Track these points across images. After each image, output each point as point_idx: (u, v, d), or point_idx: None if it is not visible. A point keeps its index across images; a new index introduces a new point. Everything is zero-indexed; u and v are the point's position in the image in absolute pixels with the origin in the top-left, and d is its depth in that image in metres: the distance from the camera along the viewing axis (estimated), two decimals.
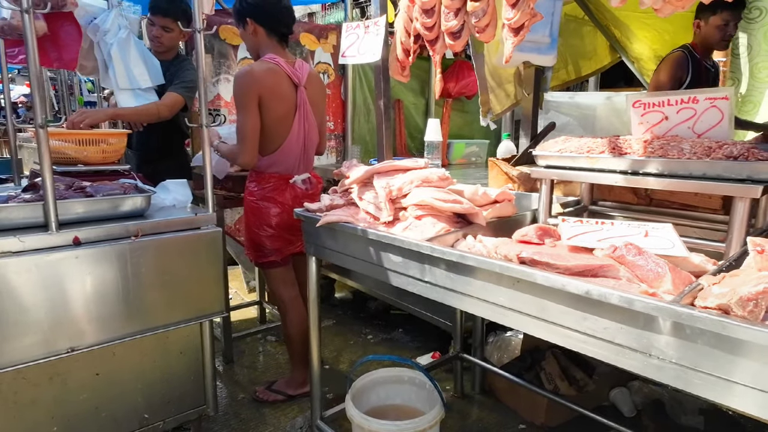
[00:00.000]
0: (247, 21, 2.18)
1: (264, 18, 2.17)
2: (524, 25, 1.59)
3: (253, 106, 2.11)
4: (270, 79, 2.12)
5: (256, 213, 2.32)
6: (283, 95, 2.18)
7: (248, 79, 2.09)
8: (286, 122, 2.23)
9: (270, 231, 2.33)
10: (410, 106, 4.34)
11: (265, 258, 2.40)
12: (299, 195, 2.32)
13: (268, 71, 2.13)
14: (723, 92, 1.40)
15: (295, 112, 2.24)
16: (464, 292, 1.32)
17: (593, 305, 1.04)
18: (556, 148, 1.67)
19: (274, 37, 2.22)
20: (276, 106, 2.17)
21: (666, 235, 1.19)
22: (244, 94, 2.10)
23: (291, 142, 2.27)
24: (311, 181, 2.40)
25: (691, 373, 0.92)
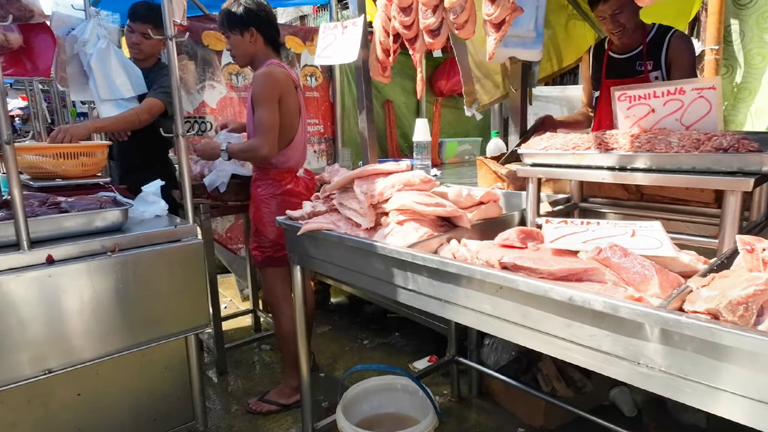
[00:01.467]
0: (252, 30, 2.27)
1: (264, 25, 2.29)
2: (505, 20, 1.54)
3: (274, 103, 2.21)
4: (285, 81, 2.26)
5: (283, 206, 2.27)
6: (293, 96, 2.32)
7: (272, 77, 2.21)
8: (295, 120, 2.35)
9: None
10: (401, 105, 4.30)
11: (282, 251, 2.36)
12: (308, 186, 2.47)
13: (283, 74, 2.27)
14: (710, 82, 1.34)
15: (299, 111, 2.37)
16: (447, 300, 1.27)
17: (577, 311, 0.99)
18: (541, 146, 1.62)
19: (270, 45, 2.35)
20: (289, 105, 2.30)
21: (654, 234, 1.13)
22: (269, 91, 2.20)
23: (299, 137, 2.39)
24: (308, 172, 2.52)
25: (680, 381, 0.87)
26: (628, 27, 2.24)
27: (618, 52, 2.40)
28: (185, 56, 3.17)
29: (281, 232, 2.29)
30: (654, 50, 2.30)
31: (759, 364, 0.77)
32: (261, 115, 2.19)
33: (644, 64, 2.29)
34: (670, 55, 2.27)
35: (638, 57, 2.33)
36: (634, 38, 2.31)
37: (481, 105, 2.48)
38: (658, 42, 2.30)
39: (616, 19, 2.21)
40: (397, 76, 4.05)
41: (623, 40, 2.31)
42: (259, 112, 2.20)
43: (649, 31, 2.34)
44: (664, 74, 2.29)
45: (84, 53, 2.60)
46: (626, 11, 2.19)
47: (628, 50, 2.37)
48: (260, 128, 2.20)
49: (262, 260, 2.44)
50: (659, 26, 2.35)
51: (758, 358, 0.77)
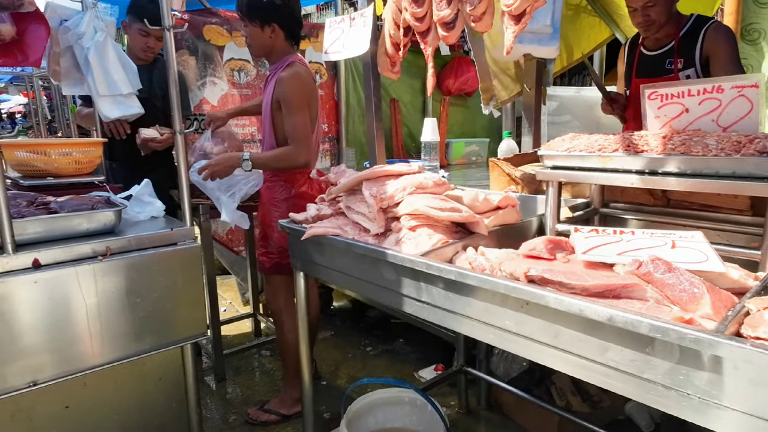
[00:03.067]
0: (274, 25, 2.14)
1: (287, 21, 2.17)
2: (526, 12, 1.43)
3: (306, 108, 2.15)
4: (312, 82, 2.20)
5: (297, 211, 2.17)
6: (316, 96, 2.24)
7: (303, 81, 2.14)
8: (315, 120, 2.26)
9: None
10: (408, 104, 4.19)
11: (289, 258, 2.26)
12: (321, 188, 2.28)
13: (309, 75, 2.19)
14: (752, 79, 1.23)
15: (317, 110, 2.28)
16: (465, 314, 1.17)
17: (617, 333, 0.88)
18: (563, 147, 1.51)
19: (290, 40, 2.23)
20: (314, 106, 2.22)
21: (697, 245, 1.03)
22: (301, 96, 2.12)
23: (316, 138, 2.29)
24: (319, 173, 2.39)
25: (740, 416, 0.76)
26: (657, 22, 2.10)
27: (649, 48, 2.26)
28: (186, 51, 3.07)
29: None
30: (687, 46, 2.14)
31: None
32: (296, 122, 2.10)
33: (674, 62, 2.15)
34: (705, 50, 2.10)
35: (669, 54, 2.18)
36: (666, 32, 2.16)
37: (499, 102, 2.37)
38: (692, 36, 2.14)
39: (646, 13, 2.07)
40: (403, 74, 3.89)
41: (652, 35, 2.17)
42: (294, 118, 2.11)
43: (684, 23, 2.17)
44: (699, 72, 2.12)
45: (80, 46, 2.48)
46: (659, 5, 2.05)
47: (659, 46, 2.22)
48: (296, 135, 2.11)
49: (269, 267, 2.32)
50: (697, 17, 2.16)
51: None
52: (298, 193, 2.25)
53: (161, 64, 2.71)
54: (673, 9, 2.15)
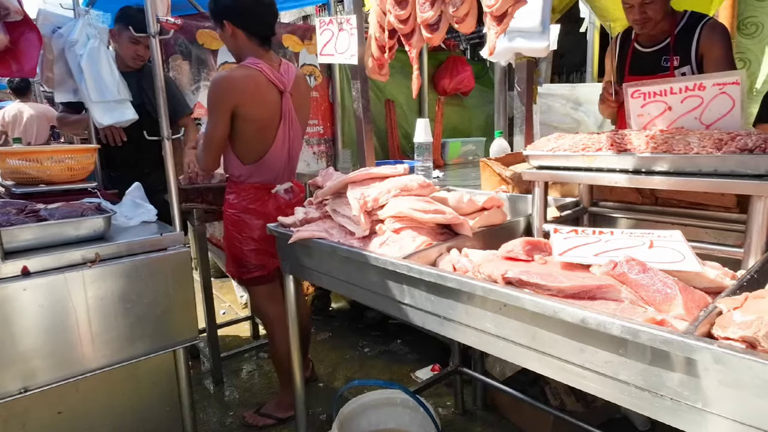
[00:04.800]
0: (224, 23, 2.03)
1: (242, 19, 2.02)
2: (507, 12, 1.43)
3: (223, 115, 1.98)
4: (249, 87, 1.98)
5: (238, 226, 2.19)
6: (264, 103, 2.04)
7: (224, 85, 1.97)
8: (270, 131, 2.10)
9: (253, 245, 2.19)
10: (403, 105, 4.19)
11: (249, 274, 2.25)
12: (282, 205, 2.19)
13: (248, 78, 1.99)
14: (733, 76, 1.23)
15: (280, 121, 2.10)
16: (446, 316, 1.17)
17: (591, 335, 0.88)
18: (548, 147, 1.51)
19: (255, 39, 2.06)
20: (257, 114, 2.03)
21: (674, 245, 1.02)
22: (217, 101, 1.97)
23: (276, 151, 2.14)
24: (293, 189, 2.28)
25: (710, 417, 0.76)
26: (654, 19, 2.07)
27: (644, 44, 2.23)
28: (179, 56, 3.08)
29: (241, 252, 2.18)
30: (683, 43, 2.11)
31: None
32: (207, 126, 2.05)
33: (671, 59, 2.13)
34: (701, 47, 2.07)
35: (665, 51, 2.15)
36: (661, 29, 2.14)
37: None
38: (688, 33, 2.11)
39: (643, 10, 2.04)
40: (398, 74, 3.94)
41: (648, 32, 2.14)
42: (207, 122, 2.04)
43: (679, 20, 2.15)
44: (695, 69, 2.10)
45: (73, 53, 2.50)
46: (656, 2, 2.02)
47: (654, 43, 2.19)
48: (204, 141, 2.07)
49: (238, 280, 2.33)
50: (692, 14, 2.14)
51: None
52: (248, 209, 2.15)
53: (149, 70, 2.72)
54: (669, 6, 2.14)
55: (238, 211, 2.18)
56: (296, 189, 2.31)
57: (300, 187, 2.35)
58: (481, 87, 4.43)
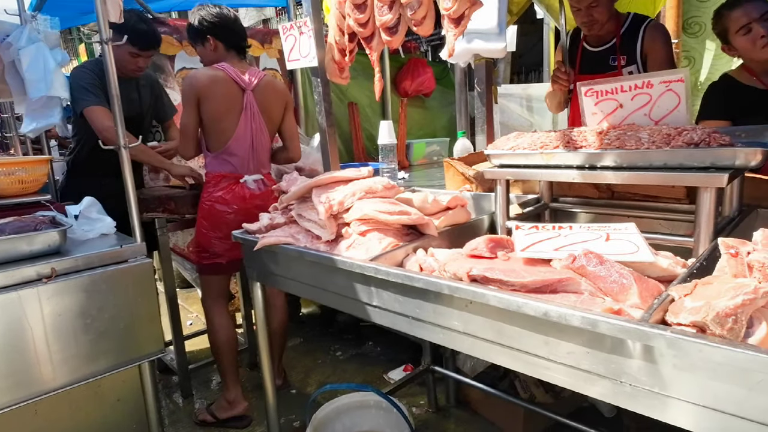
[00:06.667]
0: (209, 38, 2.26)
1: (224, 35, 2.27)
2: (464, 15, 1.46)
3: (189, 104, 2.19)
4: (208, 82, 2.19)
5: (209, 215, 2.31)
6: (222, 96, 2.22)
7: (188, 81, 2.19)
8: (229, 122, 2.26)
9: (219, 233, 2.30)
10: (366, 107, 4.20)
11: (211, 260, 2.34)
12: (249, 196, 2.32)
13: (209, 75, 2.20)
14: (678, 74, 1.29)
15: (241, 113, 2.27)
16: (415, 317, 1.18)
17: (554, 327, 0.91)
18: (508, 146, 1.54)
19: (232, 50, 2.31)
20: (214, 106, 2.21)
21: (629, 236, 1.06)
22: (184, 95, 2.21)
23: (237, 140, 2.28)
24: (264, 182, 2.38)
25: (667, 400, 0.80)
26: (600, 21, 2.17)
27: (592, 44, 2.33)
28: None
29: (208, 239, 2.31)
30: (628, 43, 2.22)
31: (752, 381, 0.70)
32: (182, 118, 2.24)
33: (618, 59, 2.23)
34: (645, 47, 2.19)
35: (612, 51, 2.26)
36: (608, 30, 2.24)
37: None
38: (632, 33, 2.22)
39: (590, 12, 2.14)
40: (360, 77, 3.95)
41: (595, 33, 2.24)
42: (182, 115, 2.24)
43: (623, 21, 2.26)
44: (640, 68, 2.21)
45: (18, 60, 2.40)
46: (602, 5, 2.12)
47: (602, 43, 2.29)
48: (180, 131, 2.28)
49: (195, 263, 2.46)
50: (635, 16, 2.26)
51: (752, 375, 0.70)
52: (215, 197, 2.29)
53: (144, 80, 2.73)
54: (613, 8, 2.23)
55: (211, 201, 2.30)
56: (267, 182, 2.41)
57: (271, 181, 2.44)
58: (442, 88, 4.49)
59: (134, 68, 2.54)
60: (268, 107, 2.36)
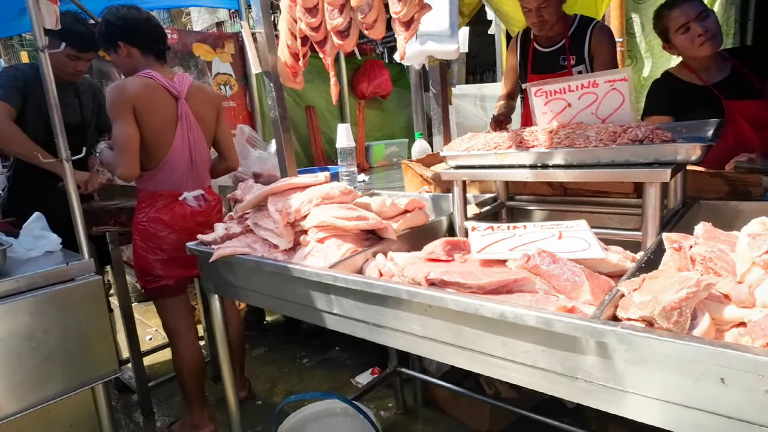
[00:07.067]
0: (120, 44, 2.05)
1: (136, 38, 2.06)
2: (414, 18, 1.46)
3: (127, 115, 1.96)
4: (144, 91, 2.00)
5: (145, 235, 2.14)
6: (159, 107, 2.05)
7: (120, 89, 1.97)
8: (167, 135, 2.08)
9: (161, 254, 2.14)
10: (324, 111, 4.17)
11: (155, 283, 2.18)
12: (190, 213, 2.16)
13: (142, 84, 2.01)
14: (621, 74, 1.33)
15: (177, 125, 2.09)
16: (376, 323, 1.17)
17: (511, 328, 0.92)
18: (462, 147, 1.56)
19: (150, 55, 2.11)
20: (153, 119, 2.03)
21: (580, 233, 1.09)
22: (116, 105, 1.96)
23: (175, 155, 2.11)
24: (205, 198, 2.23)
25: (621, 394, 0.82)
26: (550, 22, 2.24)
27: (542, 44, 2.40)
28: None
29: (147, 262, 2.14)
30: (577, 43, 2.30)
31: (698, 372, 0.73)
32: (114, 133, 1.99)
33: (567, 59, 2.30)
34: (592, 48, 2.28)
35: (561, 51, 2.33)
36: (557, 31, 2.32)
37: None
38: (580, 34, 2.31)
39: (540, 14, 2.20)
40: (317, 80, 3.91)
41: (546, 33, 2.31)
42: (113, 130, 1.99)
43: (571, 23, 2.34)
44: (588, 68, 2.30)
45: None
46: (551, 6, 2.19)
47: (551, 44, 2.37)
48: (116, 147, 2.01)
49: (142, 288, 2.26)
50: (581, 18, 2.35)
51: (697, 366, 0.72)
52: (150, 217, 2.11)
53: (85, 85, 2.59)
54: (561, 10, 2.31)
55: (146, 221, 2.13)
56: (209, 198, 2.26)
57: (214, 196, 2.31)
58: (399, 89, 4.51)
59: (73, 71, 2.41)
60: (203, 115, 2.20)
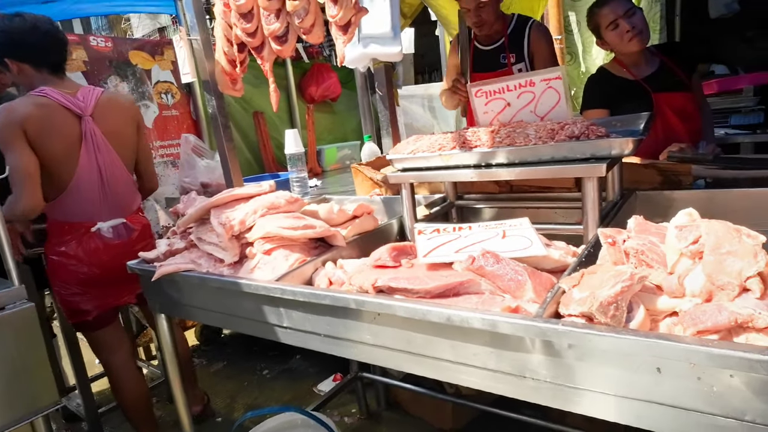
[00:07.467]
0: (6, 61, 1.85)
1: (23, 52, 1.84)
2: (351, 22, 1.45)
3: (18, 142, 1.75)
4: (36, 112, 1.78)
5: (57, 272, 1.96)
6: (57, 128, 1.83)
7: (6, 114, 1.75)
8: (70, 159, 1.87)
9: (77, 289, 1.96)
10: (273, 116, 4.08)
11: (76, 318, 2.02)
12: (105, 247, 1.95)
13: (33, 104, 1.79)
14: (556, 72, 1.36)
15: (81, 146, 1.88)
16: (327, 334, 1.15)
17: (458, 331, 0.92)
18: (408, 149, 1.55)
19: (44, 69, 1.88)
20: (50, 142, 1.81)
21: (523, 231, 1.11)
22: (4, 132, 1.74)
23: (81, 180, 1.90)
24: (127, 227, 2.02)
25: (567, 390, 0.83)
26: (489, 21, 2.28)
27: (483, 43, 2.45)
28: None
29: (63, 297, 1.98)
30: (516, 42, 2.36)
31: (635, 364, 0.75)
32: (9, 164, 1.75)
33: (507, 57, 2.35)
34: (531, 46, 2.34)
35: (501, 50, 2.39)
36: (496, 30, 2.37)
37: None
38: (518, 33, 2.37)
39: (478, 13, 2.24)
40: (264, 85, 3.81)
41: (485, 33, 2.35)
42: (6, 160, 1.77)
43: (509, 22, 2.40)
44: (528, 65, 2.36)
45: None
46: (489, 6, 2.23)
47: (491, 42, 2.42)
48: (11, 179, 1.76)
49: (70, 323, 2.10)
50: (518, 17, 2.41)
51: (635, 358, 0.74)
52: (59, 251, 1.92)
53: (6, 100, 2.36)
54: (500, 9, 2.36)
55: (55, 255, 1.94)
56: (133, 226, 2.04)
57: (140, 224, 2.09)
58: (349, 92, 4.48)
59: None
60: (117, 132, 1.98)
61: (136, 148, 2.09)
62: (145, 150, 2.17)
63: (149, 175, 2.19)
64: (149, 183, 2.20)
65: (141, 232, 2.08)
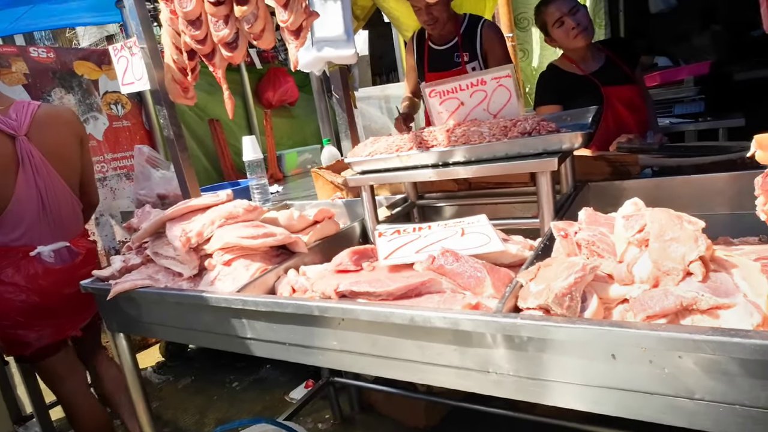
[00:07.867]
0: None
1: None
2: (303, 26, 1.44)
3: None
4: None
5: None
6: None
7: None
8: (5, 183, 1.76)
9: (18, 320, 1.82)
10: (230, 123, 4.01)
11: (27, 349, 1.87)
12: (44, 272, 1.82)
13: None
14: (505, 71, 1.39)
15: (17, 169, 1.76)
16: (292, 342, 1.14)
17: (422, 331, 0.93)
18: (366, 152, 1.55)
19: None
20: None
21: (481, 228, 1.13)
22: None
23: (19, 204, 1.78)
24: (71, 251, 1.91)
25: (529, 382, 0.85)
26: (441, 20, 2.31)
27: (436, 43, 2.48)
28: None
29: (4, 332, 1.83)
30: (469, 41, 2.41)
31: (592, 352, 0.77)
32: None
33: (461, 56, 2.39)
34: (484, 45, 2.39)
35: (455, 49, 2.43)
36: (449, 29, 2.40)
37: None
38: (471, 32, 2.42)
39: (429, 11, 2.26)
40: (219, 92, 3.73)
41: (438, 32, 2.39)
42: None
43: (461, 21, 2.44)
44: (481, 64, 2.40)
45: None
46: (440, 4, 2.26)
47: (445, 42, 2.46)
48: None
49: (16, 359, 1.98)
50: (471, 16, 2.46)
51: (590, 346, 0.77)
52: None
53: None
54: (451, 9, 2.39)
55: None
56: (77, 250, 1.93)
57: (83, 247, 1.98)
58: (306, 95, 4.45)
59: None
60: (57, 151, 1.86)
61: (79, 165, 1.99)
62: (88, 165, 2.07)
63: (92, 189, 2.11)
64: (92, 197, 2.11)
65: (86, 256, 1.96)
